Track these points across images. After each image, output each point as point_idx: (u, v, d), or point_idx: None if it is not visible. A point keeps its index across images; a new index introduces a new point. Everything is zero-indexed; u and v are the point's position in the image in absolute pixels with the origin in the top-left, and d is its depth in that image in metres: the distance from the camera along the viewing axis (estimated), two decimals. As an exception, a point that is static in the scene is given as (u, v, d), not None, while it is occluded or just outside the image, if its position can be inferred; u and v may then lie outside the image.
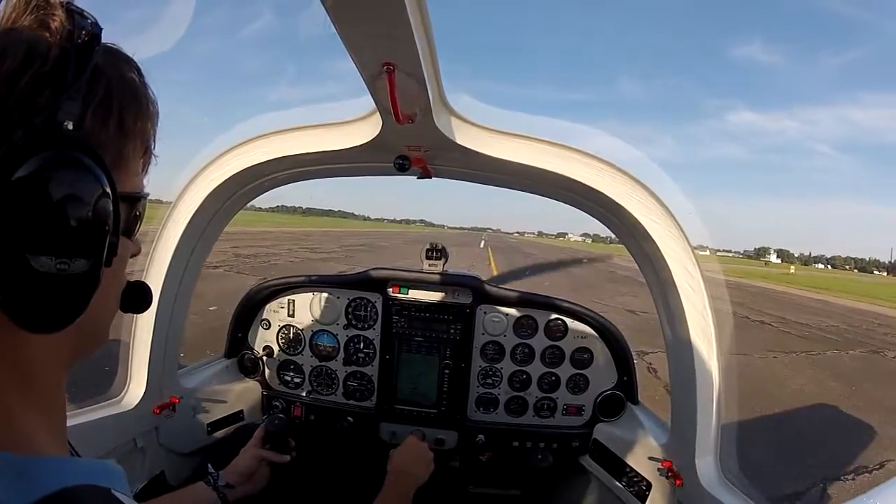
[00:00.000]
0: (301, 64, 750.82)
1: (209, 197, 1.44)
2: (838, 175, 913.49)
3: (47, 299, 0.44)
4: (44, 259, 0.42)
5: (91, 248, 0.45)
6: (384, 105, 0.96)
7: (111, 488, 0.45)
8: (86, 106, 0.46)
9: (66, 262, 0.43)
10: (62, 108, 0.43)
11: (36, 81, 0.43)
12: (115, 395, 1.52)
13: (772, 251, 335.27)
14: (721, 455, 1.32)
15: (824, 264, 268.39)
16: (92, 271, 0.46)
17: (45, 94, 0.43)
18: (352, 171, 1.53)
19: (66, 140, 0.43)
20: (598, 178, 1.27)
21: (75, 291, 0.45)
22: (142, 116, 0.53)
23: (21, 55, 0.43)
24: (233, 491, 1.35)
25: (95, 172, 0.45)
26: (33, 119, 0.42)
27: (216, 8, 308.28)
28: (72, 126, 0.43)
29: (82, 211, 0.44)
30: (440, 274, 1.90)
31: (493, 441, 1.87)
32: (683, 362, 1.32)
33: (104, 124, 0.48)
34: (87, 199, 0.44)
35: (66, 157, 0.43)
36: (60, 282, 0.43)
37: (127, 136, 0.51)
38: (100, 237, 0.46)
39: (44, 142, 0.42)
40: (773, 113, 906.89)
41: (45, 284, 0.43)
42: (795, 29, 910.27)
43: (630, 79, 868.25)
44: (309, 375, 1.93)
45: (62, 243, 0.43)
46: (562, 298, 1.93)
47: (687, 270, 1.27)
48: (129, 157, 0.52)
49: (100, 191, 0.45)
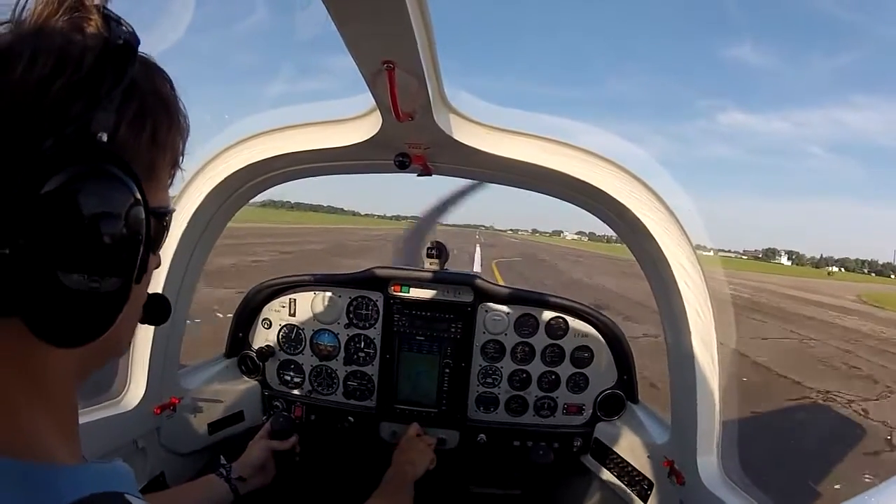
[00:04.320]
0: (301, 61, 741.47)
1: (209, 195, 1.43)
2: (833, 175, 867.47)
3: (75, 317, 0.42)
4: (76, 277, 0.40)
5: (123, 266, 0.44)
6: (384, 102, 0.96)
7: (125, 493, 0.45)
8: (120, 118, 0.44)
9: (98, 281, 0.42)
10: (95, 118, 0.41)
11: (69, 89, 0.40)
12: (116, 395, 1.51)
13: (782, 253, 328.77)
14: (723, 453, 1.32)
15: (838, 267, 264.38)
16: (122, 289, 0.44)
17: (79, 104, 0.40)
18: (352, 169, 1.53)
19: (99, 153, 0.41)
20: (600, 175, 1.27)
21: (104, 309, 0.44)
22: (174, 131, 0.52)
23: (53, 60, 0.41)
24: (244, 483, 1.36)
25: (130, 187, 0.43)
26: (65, 128, 0.39)
27: (213, 2, 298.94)
28: (105, 138, 0.41)
29: (116, 228, 0.42)
30: (441, 272, 1.90)
31: (494, 440, 1.87)
32: (684, 361, 1.32)
33: (137, 138, 0.47)
34: (122, 216, 0.42)
35: (100, 171, 0.41)
36: (90, 299, 0.42)
37: (159, 150, 0.50)
38: (133, 254, 0.45)
39: (76, 153, 0.40)
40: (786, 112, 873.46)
41: (75, 302, 0.41)
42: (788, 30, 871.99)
43: (629, 78, 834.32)
44: (309, 375, 1.93)
45: (95, 261, 0.41)
46: (563, 296, 1.93)
47: (687, 269, 1.27)
48: (159, 171, 0.51)
49: (134, 207, 0.43)
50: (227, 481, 1.33)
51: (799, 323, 17.19)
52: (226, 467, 1.36)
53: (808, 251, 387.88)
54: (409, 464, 1.51)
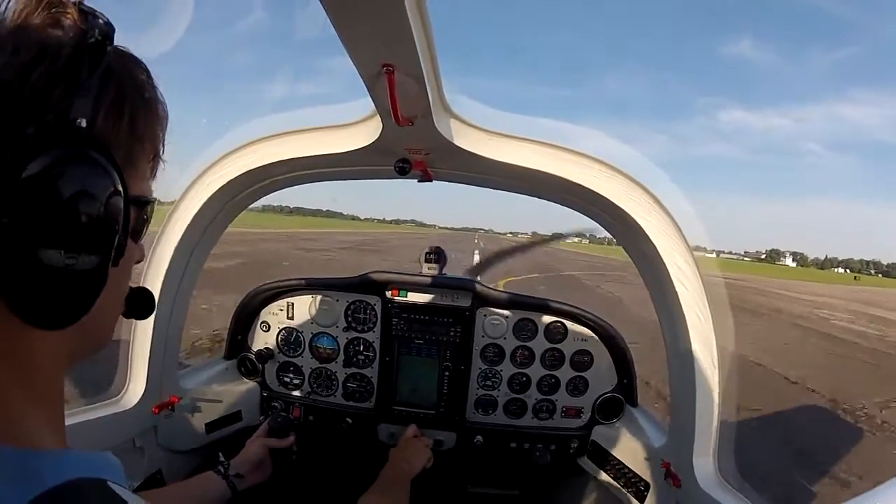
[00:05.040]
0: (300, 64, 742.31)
1: (210, 200, 1.44)
2: (833, 172, 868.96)
3: (54, 294, 0.43)
4: (52, 252, 0.42)
5: (100, 244, 0.45)
6: (384, 106, 0.96)
7: (107, 480, 0.45)
8: (98, 105, 0.46)
9: (74, 257, 0.43)
10: (74, 105, 0.43)
11: (48, 78, 0.43)
12: (115, 394, 1.52)
13: (786, 254, 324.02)
14: (719, 456, 1.33)
15: (843, 268, 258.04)
16: (100, 269, 0.46)
17: (58, 91, 0.43)
18: (352, 175, 1.54)
19: (79, 137, 0.43)
20: (598, 179, 1.27)
21: (82, 288, 0.45)
22: (151, 119, 0.53)
23: (34, 51, 0.43)
24: (242, 481, 1.37)
25: (108, 170, 0.45)
26: (45, 115, 0.42)
27: (211, 4, 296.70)
28: (84, 124, 0.43)
29: (93, 207, 0.44)
30: (439, 277, 1.91)
31: (492, 442, 1.87)
32: (682, 364, 1.33)
33: (116, 125, 0.48)
34: (99, 196, 0.44)
35: (79, 154, 0.43)
36: (68, 277, 0.43)
37: (137, 138, 0.51)
38: (109, 235, 0.46)
39: (56, 138, 0.42)
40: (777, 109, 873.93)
41: (53, 279, 0.43)
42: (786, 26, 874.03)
43: (628, 76, 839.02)
44: (308, 377, 1.94)
45: (71, 238, 0.43)
46: (561, 301, 1.93)
47: (684, 272, 1.27)
48: (138, 159, 0.53)
49: (111, 189, 0.45)
50: (225, 478, 1.34)
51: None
52: (223, 464, 1.37)
53: (811, 252, 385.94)
54: (405, 461, 1.52)
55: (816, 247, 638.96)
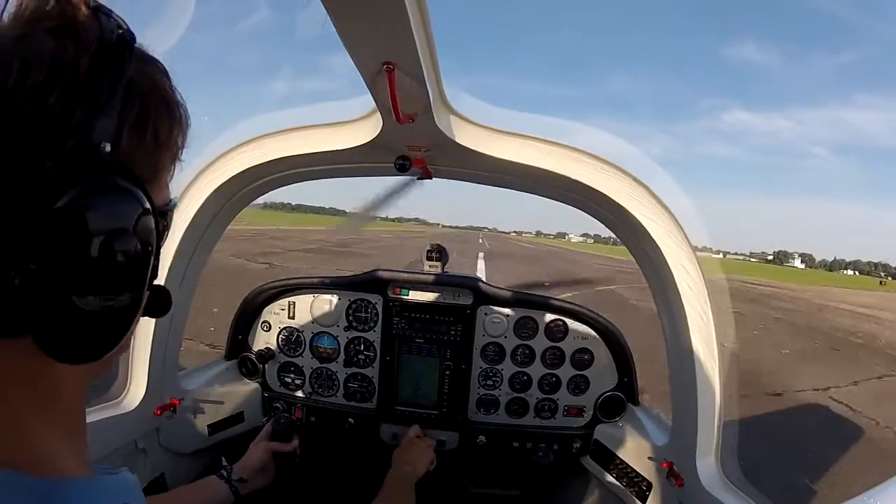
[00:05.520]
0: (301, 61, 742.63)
1: (210, 198, 1.43)
2: (835, 177, 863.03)
3: (89, 335, 0.41)
4: (90, 299, 0.39)
5: (136, 280, 0.43)
6: (384, 104, 0.96)
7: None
8: (121, 122, 0.41)
9: (112, 299, 0.40)
10: (97, 128, 0.38)
11: (66, 99, 0.37)
12: (116, 396, 1.51)
13: (795, 256, 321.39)
14: (721, 455, 1.32)
15: (851, 270, 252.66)
16: (135, 301, 0.43)
17: (78, 113, 0.37)
18: (352, 172, 1.53)
19: (104, 166, 0.39)
20: (600, 177, 1.26)
21: (118, 324, 0.43)
22: (175, 126, 0.49)
23: (46, 67, 0.37)
24: (245, 485, 1.36)
25: (139, 198, 0.41)
26: (65, 142, 0.36)
27: (213, 2, 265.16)
28: (109, 148, 0.39)
29: (129, 245, 0.40)
30: (441, 275, 1.90)
31: (494, 442, 1.87)
32: (684, 363, 1.32)
33: (140, 141, 0.44)
34: (133, 231, 0.41)
35: (107, 186, 0.39)
36: (104, 317, 0.41)
37: (161, 149, 0.48)
38: (144, 267, 0.43)
39: (81, 170, 0.37)
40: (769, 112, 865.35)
41: (88, 322, 0.40)
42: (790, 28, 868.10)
43: (631, 76, 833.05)
44: (309, 377, 1.93)
45: (109, 281, 0.40)
46: (561, 299, 1.93)
47: (687, 271, 1.26)
48: (162, 170, 0.49)
49: (143, 217, 0.42)
50: (228, 483, 1.33)
51: None
52: (226, 468, 1.37)
53: (818, 253, 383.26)
54: (408, 464, 1.51)
55: (821, 248, 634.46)
